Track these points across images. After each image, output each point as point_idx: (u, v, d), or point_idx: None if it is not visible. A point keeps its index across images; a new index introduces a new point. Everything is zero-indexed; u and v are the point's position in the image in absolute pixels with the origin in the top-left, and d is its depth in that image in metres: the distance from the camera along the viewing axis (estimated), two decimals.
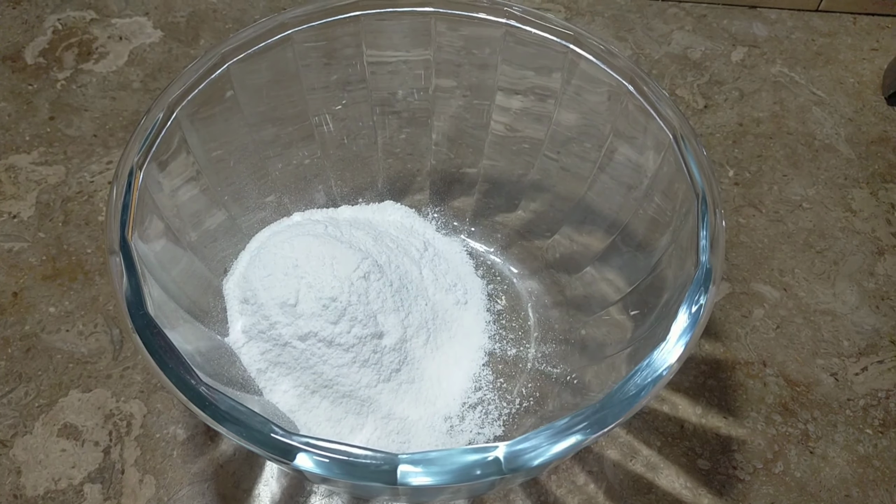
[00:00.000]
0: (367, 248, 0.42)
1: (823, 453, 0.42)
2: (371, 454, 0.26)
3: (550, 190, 0.47)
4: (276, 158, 0.44)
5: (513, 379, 0.43)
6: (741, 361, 0.45)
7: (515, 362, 0.43)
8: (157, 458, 0.41)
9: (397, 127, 0.47)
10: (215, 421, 0.27)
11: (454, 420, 0.41)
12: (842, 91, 0.59)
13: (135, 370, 0.43)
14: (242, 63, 0.38)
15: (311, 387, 0.39)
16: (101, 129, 0.54)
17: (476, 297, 0.46)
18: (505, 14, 0.40)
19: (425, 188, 0.49)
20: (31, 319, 0.45)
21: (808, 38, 0.63)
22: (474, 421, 0.41)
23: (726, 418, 0.43)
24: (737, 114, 0.57)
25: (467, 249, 0.48)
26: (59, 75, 0.57)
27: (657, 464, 0.41)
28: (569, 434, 0.28)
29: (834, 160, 0.55)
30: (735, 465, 0.41)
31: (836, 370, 0.45)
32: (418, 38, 0.42)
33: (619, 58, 0.38)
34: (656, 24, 0.63)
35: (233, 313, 0.40)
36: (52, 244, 0.48)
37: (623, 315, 0.41)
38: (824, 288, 0.48)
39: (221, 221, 0.42)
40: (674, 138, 0.36)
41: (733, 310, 0.47)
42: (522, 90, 0.43)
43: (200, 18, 0.61)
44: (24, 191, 0.50)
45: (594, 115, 0.41)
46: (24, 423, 0.42)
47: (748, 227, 0.51)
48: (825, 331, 0.47)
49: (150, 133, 0.34)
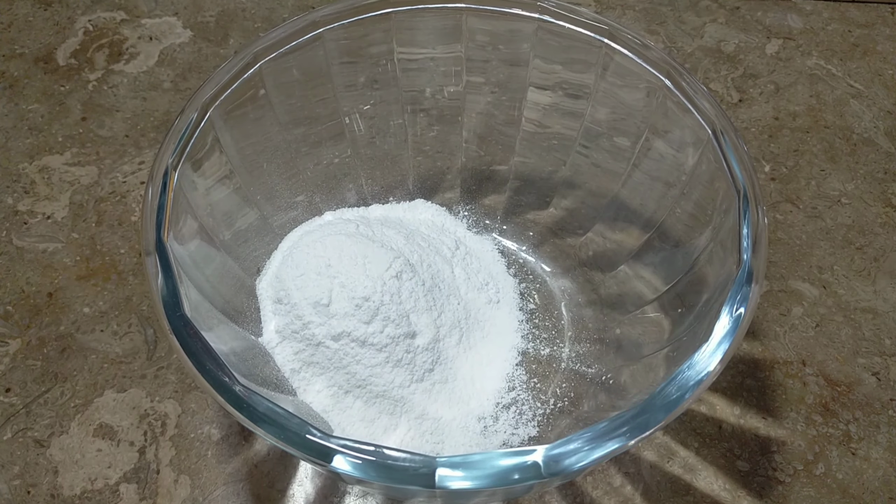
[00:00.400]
0: (398, 247, 0.42)
1: (866, 455, 0.41)
2: (409, 457, 0.26)
3: (583, 187, 0.46)
4: (306, 157, 0.44)
5: (547, 379, 0.42)
6: (780, 361, 0.44)
7: (549, 362, 0.43)
8: (192, 458, 0.41)
9: (427, 125, 0.47)
10: (252, 422, 0.27)
11: (488, 420, 0.40)
12: (880, 83, 0.58)
13: (169, 370, 0.43)
14: (274, 62, 0.38)
15: (344, 387, 0.39)
16: (133, 129, 0.54)
17: (508, 296, 0.45)
18: (538, 9, 0.39)
19: (456, 186, 0.49)
20: (66, 320, 0.45)
21: (844, 30, 0.61)
22: (508, 421, 0.41)
23: (765, 419, 0.42)
24: (772, 108, 0.56)
25: (499, 248, 0.48)
26: (90, 76, 0.57)
27: (695, 465, 0.41)
28: (609, 438, 0.27)
29: (873, 154, 0.54)
30: (775, 466, 0.41)
31: (877, 369, 0.44)
32: (449, 35, 0.42)
33: (655, 51, 0.38)
34: (688, 17, 0.62)
35: (266, 313, 0.40)
36: (85, 244, 0.48)
37: (660, 314, 0.41)
38: (864, 285, 0.47)
39: (253, 221, 0.42)
40: (713, 133, 0.35)
41: (771, 308, 0.46)
42: (554, 85, 0.43)
43: (230, 18, 0.61)
44: (57, 191, 0.51)
45: (629, 111, 0.41)
46: (61, 423, 0.42)
47: (785, 223, 0.50)
48: (866, 329, 0.46)
49: (185, 133, 0.34)
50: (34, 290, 0.47)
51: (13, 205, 0.50)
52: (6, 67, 0.58)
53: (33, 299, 0.46)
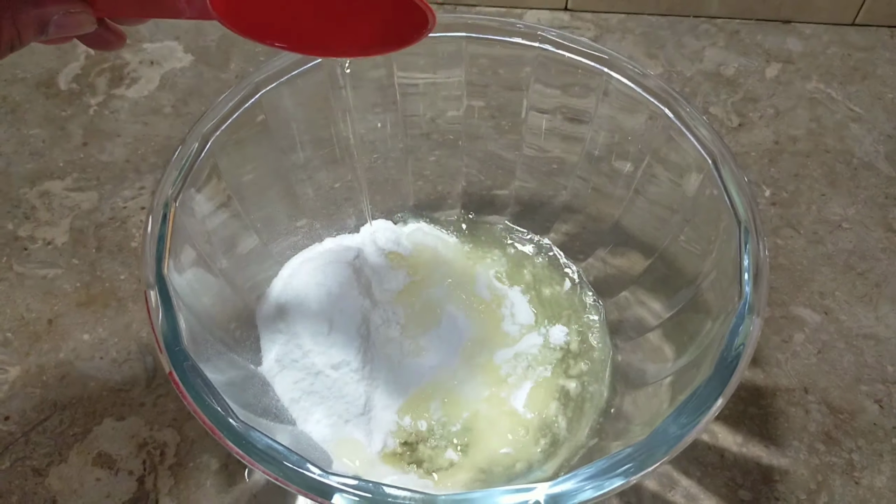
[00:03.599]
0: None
1: (870, 484, 0.41)
2: (409, 495, 0.26)
3: (583, 212, 0.46)
4: (306, 183, 0.44)
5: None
6: (782, 388, 0.44)
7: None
8: (191, 487, 0.40)
9: (427, 149, 0.47)
10: (252, 459, 0.27)
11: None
12: (880, 107, 0.58)
13: (168, 398, 0.43)
14: (275, 89, 0.38)
15: (343, 416, 0.39)
16: (134, 154, 0.54)
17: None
18: (538, 38, 0.39)
19: (456, 209, 0.49)
20: (65, 347, 0.45)
21: (844, 53, 0.62)
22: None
23: (768, 447, 0.42)
24: (772, 132, 0.56)
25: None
26: (91, 101, 0.57)
27: (697, 495, 0.40)
28: (612, 475, 0.27)
29: (874, 178, 0.54)
30: (778, 495, 0.40)
31: (880, 397, 0.44)
32: (450, 60, 0.42)
33: (654, 80, 0.38)
34: (688, 41, 0.62)
35: (266, 342, 0.40)
36: (85, 271, 0.48)
37: (662, 341, 0.40)
38: (866, 311, 0.47)
39: (253, 247, 0.42)
40: (713, 164, 0.35)
41: (773, 335, 0.46)
42: (555, 109, 0.43)
43: (230, 42, 0.61)
44: (58, 217, 0.51)
45: (628, 139, 0.41)
46: (60, 452, 0.42)
47: (786, 248, 0.50)
48: (868, 356, 0.45)
49: (185, 164, 0.34)
50: (34, 317, 0.46)
51: (13, 230, 0.50)
52: (7, 92, 0.58)
53: (33, 326, 0.46)
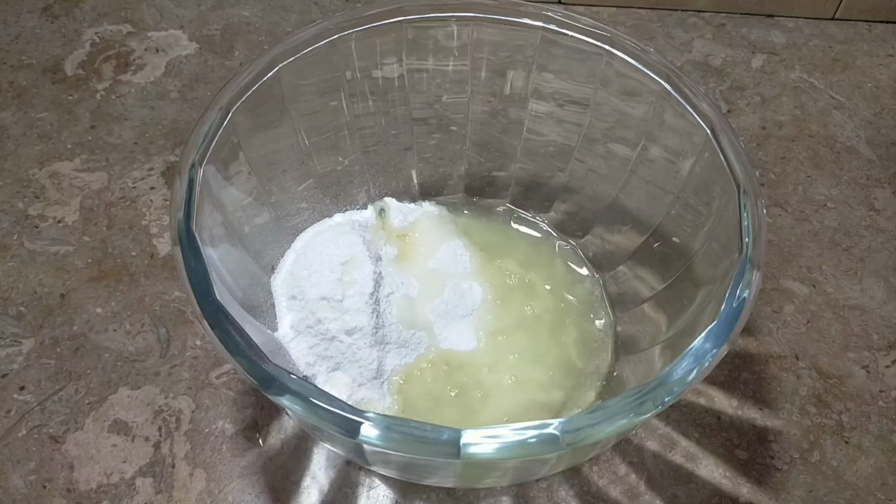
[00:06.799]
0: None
1: (858, 443, 0.43)
2: (434, 427, 0.27)
3: (581, 192, 0.48)
4: (318, 160, 0.45)
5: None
6: (774, 355, 0.46)
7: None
8: (207, 452, 0.41)
9: (427, 132, 0.49)
10: (284, 399, 0.28)
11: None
12: (860, 95, 0.61)
13: (182, 367, 0.44)
14: (292, 65, 0.39)
15: (358, 380, 0.40)
16: (142, 137, 0.55)
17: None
18: (543, 18, 0.41)
19: (459, 191, 0.51)
20: (78, 320, 0.46)
21: (825, 46, 0.64)
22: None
23: (762, 410, 0.44)
24: (759, 118, 0.59)
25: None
26: (98, 86, 0.58)
27: (696, 454, 0.42)
28: (622, 412, 0.28)
29: (856, 161, 0.56)
30: (772, 455, 0.42)
31: (867, 363, 0.46)
32: (455, 45, 0.44)
33: (654, 56, 0.39)
34: (677, 33, 0.64)
35: (281, 309, 0.41)
36: (97, 247, 0.49)
37: (656, 311, 0.42)
38: (852, 284, 0.49)
39: (267, 221, 0.43)
40: (711, 132, 0.37)
41: (764, 305, 0.48)
42: (556, 93, 0.44)
43: (234, 31, 0.62)
44: (67, 196, 0.52)
45: (629, 117, 0.42)
46: (76, 420, 0.43)
47: (775, 225, 0.52)
48: (855, 325, 0.48)
49: (208, 132, 0.35)
50: (46, 292, 0.47)
51: (24, 209, 0.51)
52: (15, 77, 0.59)
53: (46, 300, 0.47)
